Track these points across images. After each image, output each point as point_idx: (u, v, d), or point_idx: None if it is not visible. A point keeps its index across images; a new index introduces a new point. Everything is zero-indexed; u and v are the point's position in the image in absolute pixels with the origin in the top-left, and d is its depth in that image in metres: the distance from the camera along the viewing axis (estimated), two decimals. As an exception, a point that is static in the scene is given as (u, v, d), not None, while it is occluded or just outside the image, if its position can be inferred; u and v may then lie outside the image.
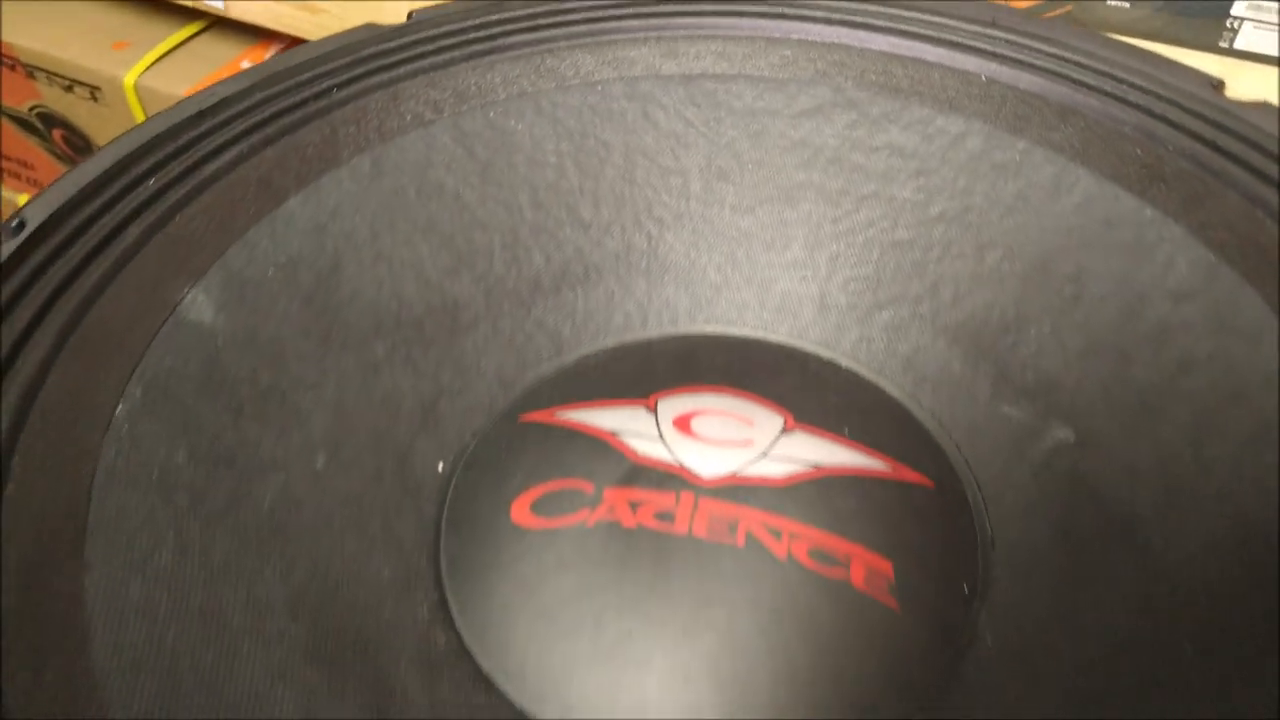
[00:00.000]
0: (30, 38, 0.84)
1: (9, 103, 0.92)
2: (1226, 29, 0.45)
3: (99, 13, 0.87)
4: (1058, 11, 0.44)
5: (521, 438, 0.27)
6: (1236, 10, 0.44)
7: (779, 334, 0.31)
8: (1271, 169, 0.25)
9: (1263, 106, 0.27)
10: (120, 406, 0.22)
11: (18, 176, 0.99)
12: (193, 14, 0.84)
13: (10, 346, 0.22)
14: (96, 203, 0.25)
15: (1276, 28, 0.44)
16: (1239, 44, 0.46)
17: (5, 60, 0.88)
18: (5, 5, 0.88)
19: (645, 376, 0.28)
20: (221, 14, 0.76)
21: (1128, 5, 0.46)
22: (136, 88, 0.77)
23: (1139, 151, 0.27)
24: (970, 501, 0.26)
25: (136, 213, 0.25)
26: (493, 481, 0.26)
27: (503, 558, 0.24)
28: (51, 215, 0.25)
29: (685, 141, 0.31)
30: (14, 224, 0.24)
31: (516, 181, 0.30)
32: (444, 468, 0.27)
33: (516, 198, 0.30)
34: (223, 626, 0.20)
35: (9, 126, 0.97)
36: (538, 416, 0.28)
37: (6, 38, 0.85)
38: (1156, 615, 0.21)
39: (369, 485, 0.25)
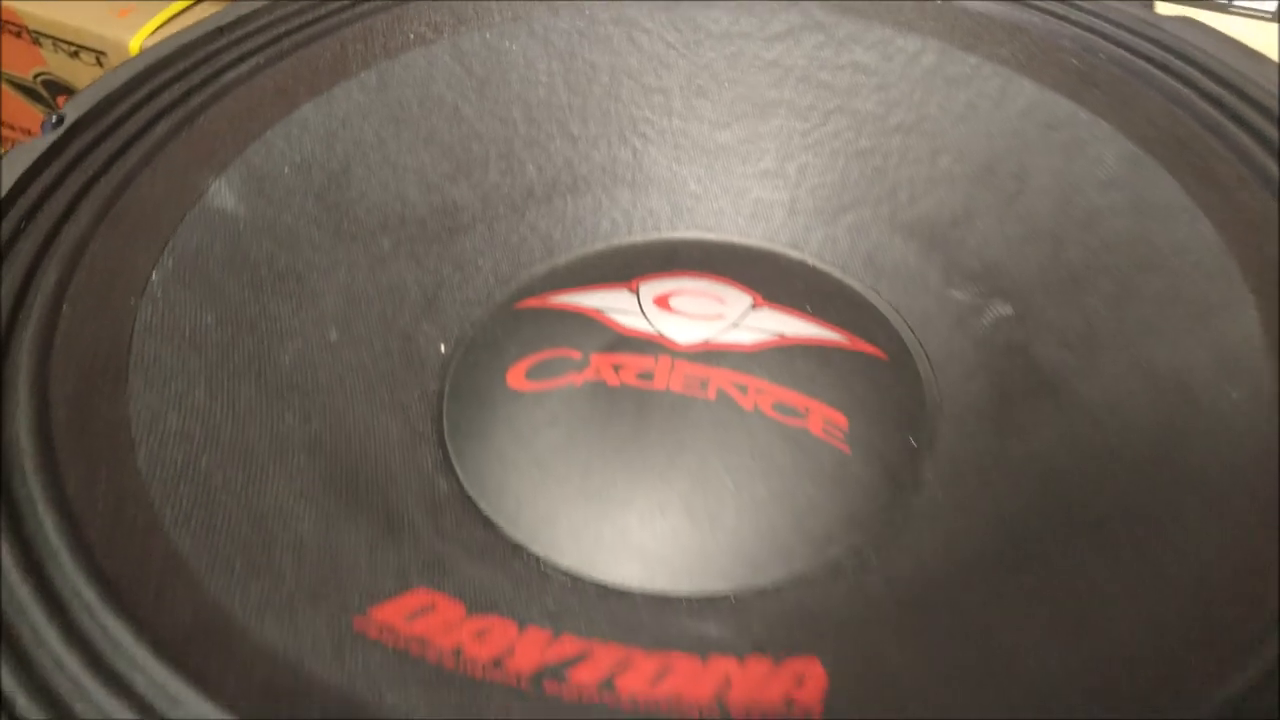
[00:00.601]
0: (37, 4, 0.87)
1: (15, 71, 0.95)
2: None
3: (102, -18, 0.89)
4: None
5: (516, 320, 0.30)
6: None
7: (753, 237, 0.33)
8: (1189, 71, 0.28)
9: (1184, 20, 0.30)
10: (154, 274, 0.25)
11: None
12: (196, -19, 0.86)
13: (54, 221, 0.25)
14: (128, 103, 0.28)
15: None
16: (1238, 1, 0.48)
17: (11, 28, 0.90)
18: (13, -24, 0.90)
19: (629, 266, 0.31)
20: (225, -19, 0.78)
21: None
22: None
23: (1075, 62, 0.30)
24: (920, 372, 0.28)
25: (164, 112, 0.28)
26: (490, 356, 0.29)
27: (499, 416, 0.27)
28: (87, 112, 0.27)
29: (666, 62, 0.34)
30: (54, 119, 0.27)
31: (510, 98, 0.33)
32: (445, 349, 0.30)
33: (510, 112, 0.33)
34: (250, 456, 0.23)
35: (14, 95, 0.99)
36: (531, 303, 0.30)
37: (13, 4, 0.87)
38: (1082, 453, 0.24)
39: (377, 358, 0.28)
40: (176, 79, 0.29)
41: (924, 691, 0.18)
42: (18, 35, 0.91)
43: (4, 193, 0.24)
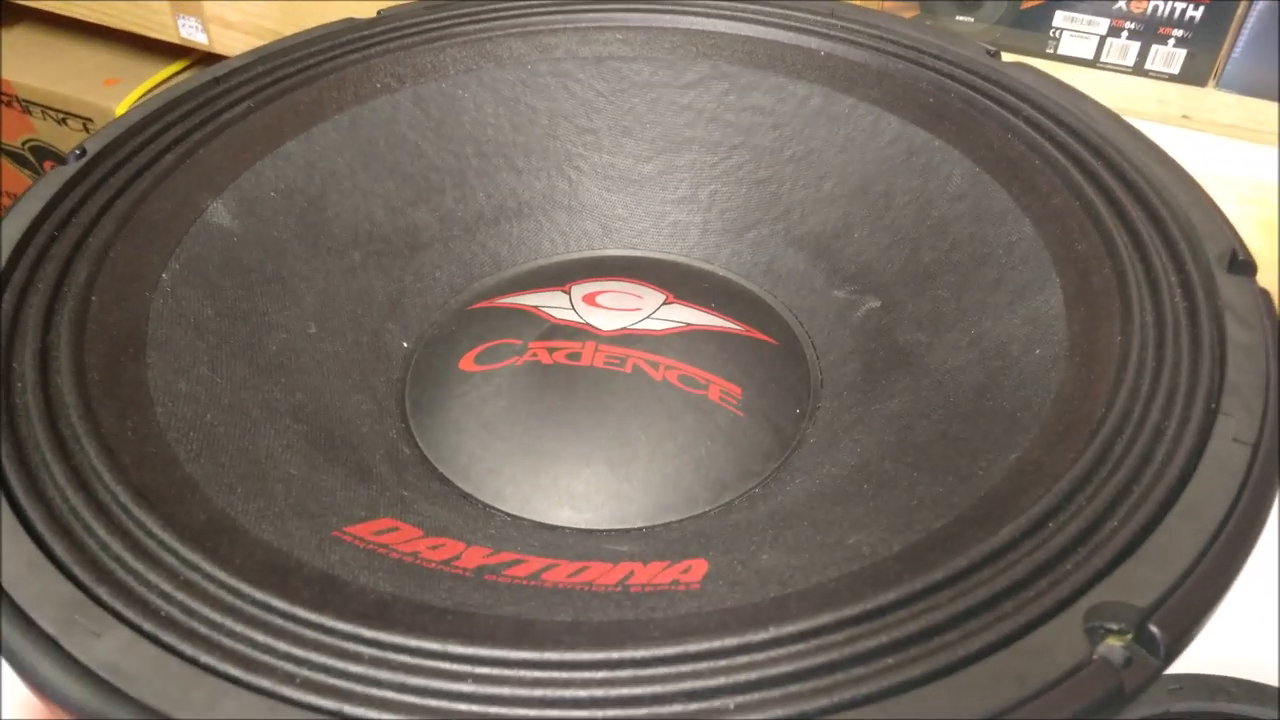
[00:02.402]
0: (28, 75, 0.93)
1: (6, 139, 1.00)
2: (1050, 38, 0.55)
3: (92, 52, 0.96)
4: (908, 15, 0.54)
5: (468, 319, 0.35)
6: (1057, 22, 0.54)
7: (672, 254, 0.39)
8: (1020, 106, 0.34)
9: (1020, 65, 0.36)
10: (165, 275, 0.30)
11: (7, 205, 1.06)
12: (179, 51, 0.93)
13: (82, 231, 0.30)
14: (139, 139, 0.33)
15: (1088, 35, 0.54)
16: (1062, 50, 0.56)
17: (3, 98, 0.96)
18: (5, 47, 0.96)
19: (563, 274, 0.37)
20: (207, 49, 0.84)
21: (971, 20, 0.56)
22: (130, 112, 0.85)
23: (931, 100, 0.36)
24: (807, 356, 0.34)
25: (170, 146, 0.33)
26: (446, 348, 0.34)
27: (453, 393, 0.32)
28: (105, 147, 0.33)
29: (596, 107, 0.40)
30: (77, 152, 0.32)
31: (463, 136, 0.39)
32: (407, 345, 0.35)
33: (464, 148, 0.39)
34: (246, 416, 0.28)
35: (4, 162, 1.04)
36: (480, 304, 0.36)
37: (7, 75, 0.93)
38: (925, 406, 0.30)
39: (350, 349, 0.33)
40: (180, 119, 0.34)
41: (781, 575, 0.23)
42: (9, 105, 0.97)
43: (40, 208, 0.29)
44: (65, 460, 0.23)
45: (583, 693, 0.18)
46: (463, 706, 0.18)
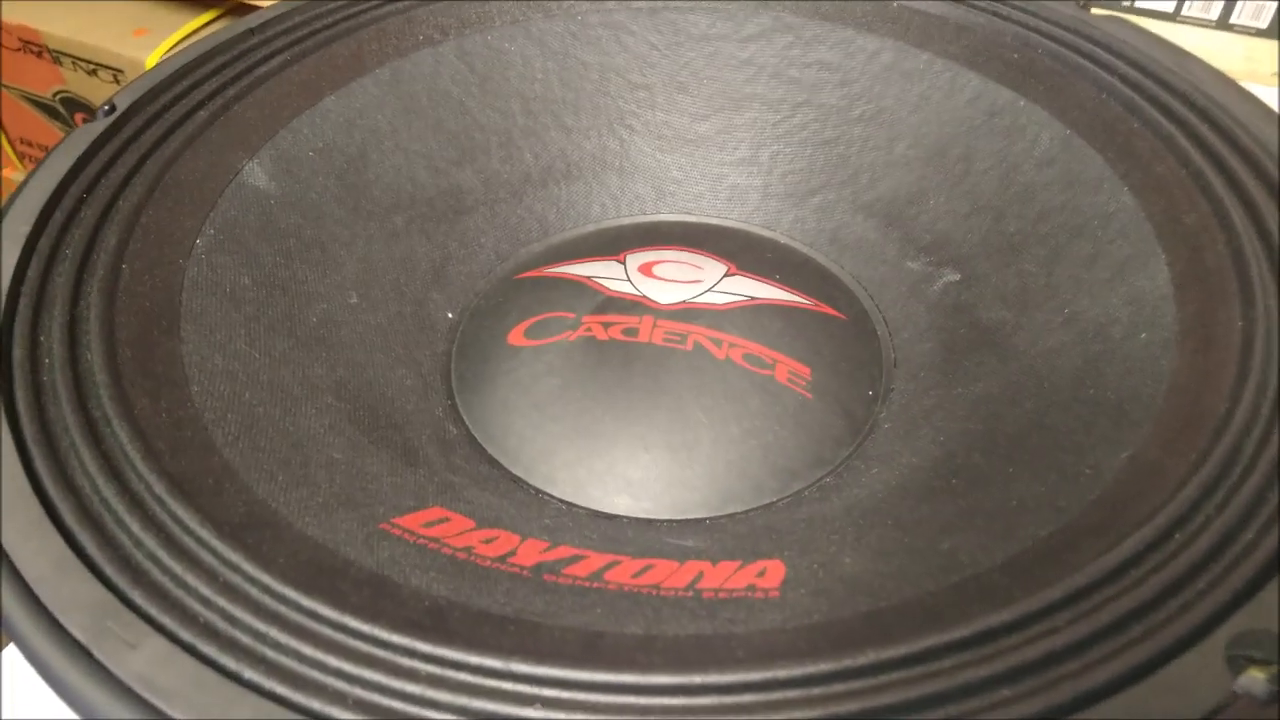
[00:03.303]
0: (59, 26, 0.91)
1: (35, 89, 0.98)
2: (1129, -12, 0.52)
3: (121, 3, 0.93)
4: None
5: (516, 289, 0.33)
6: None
7: (730, 219, 0.37)
8: (1115, 63, 0.31)
9: (1112, 18, 0.33)
10: (199, 241, 0.28)
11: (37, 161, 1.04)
12: (210, 1, 0.90)
13: (112, 192, 0.28)
14: (171, 93, 0.31)
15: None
16: (1139, 3, 0.52)
17: (33, 47, 0.94)
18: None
19: (617, 242, 0.34)
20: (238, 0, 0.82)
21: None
22: (159, 64, 0.83)
23: (1015, 56, 0.33)
24: (879, 333, 0.32)
25: (203, 102, 0.31)
26: (493, 320, 0.32)
27: (501, 370, 0.30)
28: (135, 102, 0.31)
29: (650, 61, 0.37)
30: (106, 108, 0.30)
31: (509, 92, 0.36)
32: (452, 316, 0.33)
33: (510, 105, 0.36)
34: (285, 394, 0.26)
35: (34, 113, 1.03)
36: (529, 274, 0.34)
37: (37, 25, 0.91)
38: (1015, 393, 0.27)
39: (393, 321, 0.31)
40: (214, 73, 0.32)
41: (870, 584, 0.21)
42: (39, 55, 0.95)
43: (68, 169, 0.27)
44: (96, 445, 0.21)
45: (661, 720, 0.17)
46: (531, 735, 0.16)
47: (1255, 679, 0.17)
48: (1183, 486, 0.20)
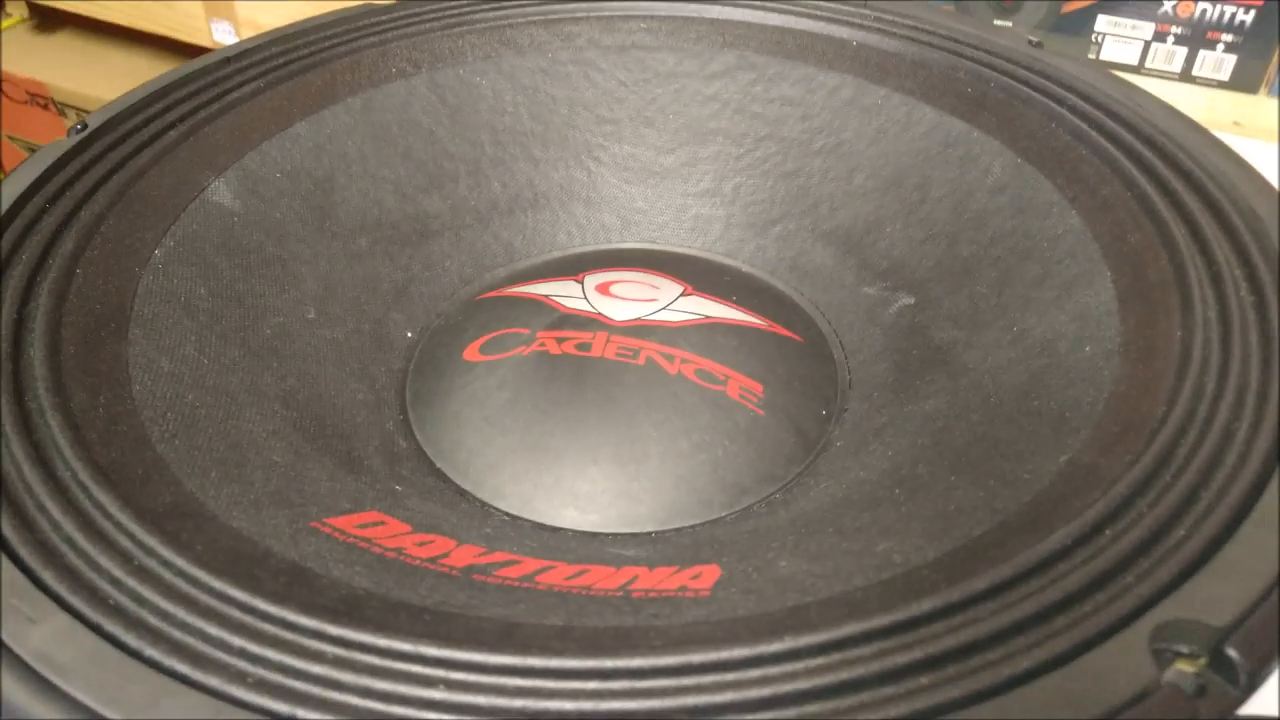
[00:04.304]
0: (65, 79, 0.94)
1: (39, 141, 1.01)
2: (1092, 43, 0.53)
3: (127, 56, 0.96)
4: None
5: (476, 308, 0.33)
6: (1099, 26, 0.52)
7: (693, 248, 0.37)
8: (1064, 94, 0.32)
9: (1065, 55, 0.34)
10: (157, 251, 0.28)
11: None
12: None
13: (75, 203, 0.28)
14: (143, 115, 0.32)
15: (1132, 40, 0.52)
16: (1105, 55, 0.53)
17: (39, 100, 0.97)
18: (43, 52, 0.97)
19: (578, 265, 0.35)
20: (237, 54, 0.84)
21: (1009, 24, 0.54)
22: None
23: (969, 90, 0.34)
24: (834, 356, 0.32)
25: (174, 124, 0.32)
26: (450, 338, 0.32)
27: (455, 384, 0.30)
28: (107, 121, 0.31)
29: (618, 97, 0.38)
30: (79, 126, 0.31)
31: (479, 124, 0.37)
32: (412, 335, 0.33)
33: (479, 136, 0.37)
34: (230, 399, 0.26)
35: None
36: (490, 294, 0.34)
37: (43, 78, 0.94)
38: (963, 408, 0.27)
39: (350, 337, 0.31)
40: (187, 98, 0.33)
41: (802, 583, 0.21)
42: (44, 107, 0.98)
43: (33, 180, 0.28)
44: (27, 435, 0.21)
45: (570, 705, 0.16)
46: (432, 716, 0.16)
47: (1182, 673, 0.17)
48: (1115, 485, 0.20)
